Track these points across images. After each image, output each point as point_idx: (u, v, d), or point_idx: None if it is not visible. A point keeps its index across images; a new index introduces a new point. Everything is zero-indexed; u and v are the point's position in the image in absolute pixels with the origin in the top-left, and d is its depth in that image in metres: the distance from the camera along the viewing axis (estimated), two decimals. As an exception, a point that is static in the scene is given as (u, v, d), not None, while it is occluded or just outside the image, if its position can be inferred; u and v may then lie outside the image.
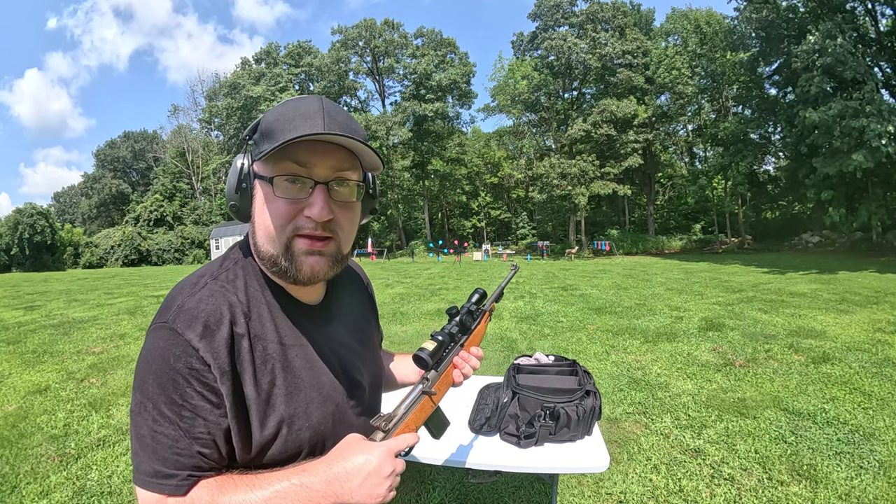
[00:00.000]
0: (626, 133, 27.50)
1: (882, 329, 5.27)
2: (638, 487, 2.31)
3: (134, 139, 51.47)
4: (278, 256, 0.64)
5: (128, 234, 35.08)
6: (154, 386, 0.59)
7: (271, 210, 0.63)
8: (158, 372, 0.58)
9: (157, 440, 0.58)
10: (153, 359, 0.59)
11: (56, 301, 10.48)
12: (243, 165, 0.65)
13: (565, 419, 1.65)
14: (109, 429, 3.18)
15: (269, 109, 0.66)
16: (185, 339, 0.58)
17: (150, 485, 0.59)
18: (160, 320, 0.61)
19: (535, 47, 30.13)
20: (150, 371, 0.59)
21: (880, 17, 17.32)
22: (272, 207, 0.63)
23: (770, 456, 2.54)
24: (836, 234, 21.27)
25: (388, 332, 6.08)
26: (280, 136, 0.60)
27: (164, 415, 0.58)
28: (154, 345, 0.60)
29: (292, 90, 36.67)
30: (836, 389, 3.47)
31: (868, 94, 14.44)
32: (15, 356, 5.28)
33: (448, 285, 11.61)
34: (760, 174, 27.02)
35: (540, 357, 2.08)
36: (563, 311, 7.17)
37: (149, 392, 0.59)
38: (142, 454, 0.59)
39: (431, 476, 2.43)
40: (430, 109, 32.05)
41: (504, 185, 40.06)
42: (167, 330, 0.59)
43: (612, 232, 31.19)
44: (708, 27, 25.43)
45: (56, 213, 47.06)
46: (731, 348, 4.71)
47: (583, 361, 4.24)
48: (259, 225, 0.65)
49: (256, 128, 0.66)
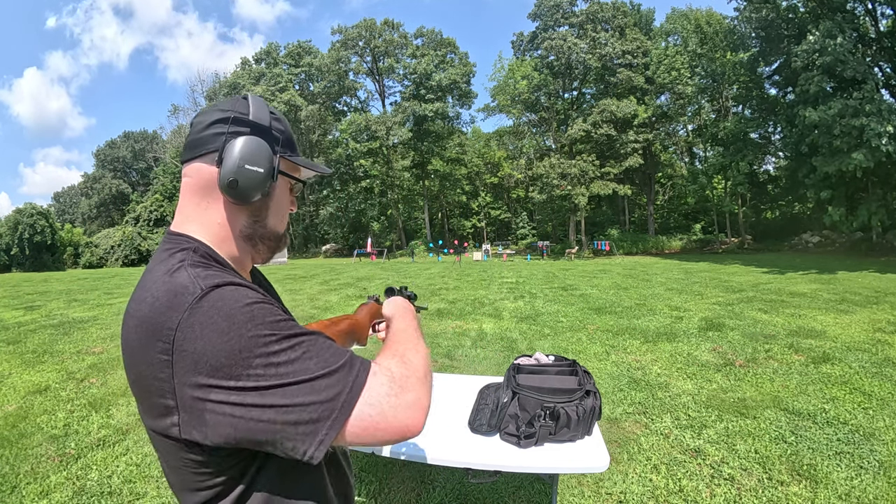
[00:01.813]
0: (626, 133, 27.50)
1: (882, 329, 5.27)
2: (638, 487, 2.31)
3: (134, 139, 51.44)
4: (283, 234, 0.77)
5: (128, 234, 35.08)
6: (261, 328, 0.54)
7: (287, 201, 0.77)
8: (249, 316, 0.55)
9: (314, 351, 0.56)
10: (233, 312, 0.55)
11: (56, 301, 10.48)
12: (276, 154, 0.70)
13: (565, 419, 1.65)
14: (109, 429, 3.18)
15: (268, 108, 0.72)
16: (236, 284, 0.59)
17: (354, 370, 0.57)
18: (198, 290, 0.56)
19: (535, 47, 30.14)
20: (241, 324, 0.54)
21: (880, 17, 17.33)
22: (288, 199, 0.77)
23: (770, 456, 2.54)
24: (836, 234, 21.27)
25: (388, 332, 6.07)
26: (298, 152, 0.76)
27: (293, 335, 0.56)
28: (220, 304, 0.55)
29: (292, 90, 36.68)
30: (836, 389, 3.47)
31: (868, 94, 14.45)
32: (15, 356, 5.27)
33: (448, 285, 11.61)
34: (760, 174, 27.02)
35: (540, 357, 2.08)
36: (563, 311, 7.17)
37: (260, 339, 0.54)
38: (315, 384, 0.54)
39: (431, 476, 2.43)
40: (430, 109, 32.05)
41: (504, 185, 40.07)
42: (223, 289, 0.57)
43: (612, 232, 31.19)
44: (708, 27, 25.42)
45: (56, 213, 47.04)
46: (731, 348, 4.71)
47: (583, 361, 4.24)
48: (274, 210, 0.74)
49: (282, 124, 0.74)
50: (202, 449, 0.57)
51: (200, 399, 0.53)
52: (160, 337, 0.54)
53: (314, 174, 0.79)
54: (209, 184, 0.68)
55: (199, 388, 0.53)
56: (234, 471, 0.60)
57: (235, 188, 0.65)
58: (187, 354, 0.53)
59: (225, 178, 0.65)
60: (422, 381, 0.61)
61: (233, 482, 0.61)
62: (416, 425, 0.57)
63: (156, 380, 0.55)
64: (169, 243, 0.67)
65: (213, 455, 0.58)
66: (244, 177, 0.65)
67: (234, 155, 0.65)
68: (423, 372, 0.62)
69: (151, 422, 0.59)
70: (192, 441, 0.56)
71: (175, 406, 0.55)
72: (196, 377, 0.53)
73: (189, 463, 0.59)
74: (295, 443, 0.54)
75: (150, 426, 0.61)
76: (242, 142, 0.66)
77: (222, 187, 0.66)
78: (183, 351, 0.53)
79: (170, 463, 0.63)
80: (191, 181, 0.69)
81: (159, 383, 0.55)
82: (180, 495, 0.65)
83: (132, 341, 0.58)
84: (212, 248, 0.68)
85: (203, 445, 0.56)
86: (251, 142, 0.66)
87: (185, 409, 0.54)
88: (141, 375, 0.58)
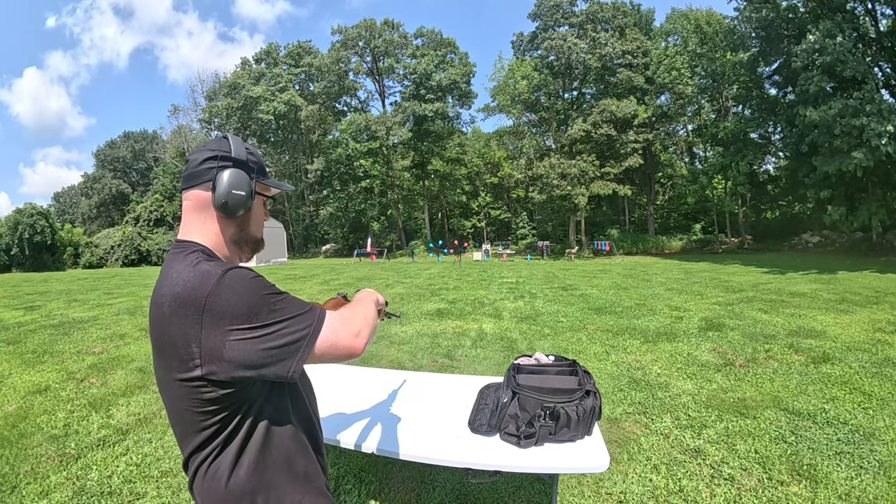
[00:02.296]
0: (626, 133, 27.47)
1: (882, 329, 5.27)
2: (638, 487, 2.31)
3: (134, 139, 51.42)
4: (261, 238, 1.03)
5: (128, 234, 35.06)
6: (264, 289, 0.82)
7: (262, 213, 1.04)
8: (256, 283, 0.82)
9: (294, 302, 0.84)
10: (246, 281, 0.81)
11: (56, 301, 10.48)
12: (252, 180, 0.96)
13: (565, 419, 1.65)
14: (109, 429, 3.18)
15: (244, 145, 0.98)
16: (241, 267, 0.86)
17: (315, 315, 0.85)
18: (219, 271, 0.81)
19: (535, 47, 30.12)
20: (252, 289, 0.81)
21: (880, 17, 17.32)
22: (262, 212, 1.04)
23: (770, 456, 2.54)
24: (836, 234, 21.27)
25: (387, 332, 6.07)
26: (270, 177, 1.04)
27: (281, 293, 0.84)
28: (237, 277, 0.81)
29: (292, 90, 36.68)
30: (836, 389, 3.47)
31: (868, 94, 14.44)
32: (15, 356, 5.28)
33: (448, 285, 11.61)
34: (760, 174, 27.02)
35: (540, 357, 2.08)
36: (563, 311, 7.17)
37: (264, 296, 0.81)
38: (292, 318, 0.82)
39: (431, 476, 2.43)
40: (430, 109, 32.03)
41: (504, 185, 40.06)
42: (236, 269, 0.83)
43: (612, 232, 31.18)
44: (708, 27, 25.41)
45: (56, 213, 47.00)
46: (731, 348, 4.71)
47: (583, 361, 4.24)
48: (254, 221, 1.01)
49: (255, 156, 1.00)
50: (212, 385, 0.79)
51: (222, 340, 0.77)
52: (193, 304, 0.78)
53: (280, 190, 1.06)
54: (205, 205, 0.93)
55: (223, 333, 0.77)
56: (230, 408, 0.83)
57: (227, 207, 0.92)
58: (216, 312, 0.78)
59: (218, 200, 0.91)
60: (363, 321, 0.92)
61: (228, 418, 0.84)
62: (359, 347, 0.87)
63: (185, 335, 0.78)
64: (180, 247, 0.91)
65: (220, 390, 0.80)
66: (232, 199, 0.92)
67: (224, 183, 0.91)
68: (363, 315, 0.94)
69: (175, 372, 0.81)
70: (207, 376, 0.79)
71: (199, 352, 0.78)
72: (221, 325, 0.77)
73: (197, 403, 0.81)
74: (283, 361, 0.80)
75: (172, 378, 0.82)
76: (228, 173, 0.92)
77: (217, 207, 0.92)
78: (212, 309, 0.78)
79: (179, 408, 0.84)
80: (192, 204, 0.94)
81: (187, 338, 0.78)
82: (184, 441, 0.87)
83: (166, 312, 0.81)
84: (211, 249, 0.93)
85: (213, 381, 0.79)
86: (235, 173, 0.92)
87: (208, 351, 0.78)
88: (171, 336, 0.80)
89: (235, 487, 0.84)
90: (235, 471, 0.84)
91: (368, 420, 1.95)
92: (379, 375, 2.58)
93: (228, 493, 0.84)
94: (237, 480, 0.84)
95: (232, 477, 0.84)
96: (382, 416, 1.98)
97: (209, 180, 0.92)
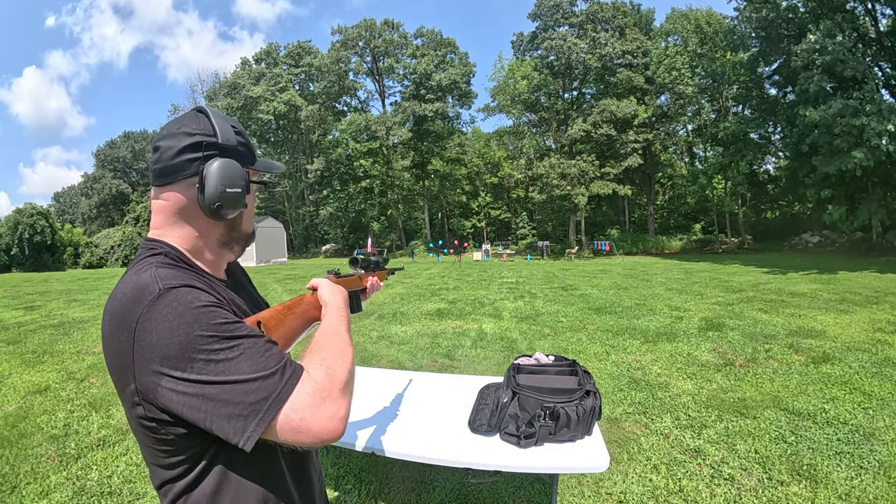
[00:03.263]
0: (626, 133, 27.48)
1: (882, 329, 5.27)
2: (638, 487, 2.31)
3: (134, 139, 51.47)
4: (252, 232, 0.87)
5: (128, 234, 35.07)
6: (205, 329, 0.61)
7: (252, 205, 0.86)
8: (195, 317, 0.62)
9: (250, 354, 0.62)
10: (183, 312, 0.62)
11: (56, 301, 10.48)
12: (246, 171, 0.78)
13: (565, 419, 1.65)
14: (109, 429, 3.18)
15: (228, 121, 0.78)
16: (192, 287, 0.66)
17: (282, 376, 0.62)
18: (156, 289, 0.64)
19: (535, 47, 30.12)
20: (188, 324, 0.61)
21: (880, 17, 17.33)
22: (253, 203, 0.86)
23: (770, 456, 2.54)
24: (836, 234, 21.27)
25: (387, 332, 6.07)
26: (255, 156, 0.83)
27: (234, 336, 0.63)
28: (174, 304, 0.62)
29: (292, 90, 36.67)
30: (836, 389, 3.47)
31: (868, 94, 14.45)
32: (15, 356, 5.28)
33: (448, 285, 11.61)
34: (760, 174, 27.01)
35: (540, 357, 2.08)
36: (563, 311, 7.17)
37: (202, 340, 0.61)
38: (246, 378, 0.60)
39: (431, 476, 2.43)
40: (430, 109, 32.03)
41: (504, 185, 40.06)
42: (178, 290, 0.65)
43: (612, 232, 31.19)
44: (708, 27, 25.41)
45: (56, 213, 47.06)
46: (731, 348, 4.71)
47: (583, 361, 4.24)
48: (247, 216, 0.84)
49: (243, 135, 0.80)
50: (162, 427, 0.65)
51: (154, 382, 0.61)
52: (126, 327, 0.63)
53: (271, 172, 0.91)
54: (187, 206, 0.75)
55: (153, 374, 0.61)
56: (193, 451, 0.68)
57: (220, 210, 0.74)
58: (145, 344, 0.61)
59: (209, 203, 0.73)
60: (342, 392, 0.66)
61: (193, 461, 0.68)
62: (334, 434, 0.63)
63: (123, 364, 0.64)
64: (143, 248, 0.75)
65: (173, 434, 0.65)
66: (226, 199, 0.73)
67: (214, 181, 0.72)
68: (344, 383, 0.67)
69: (125, 404, 0.68)
70: (153, 417, 0.64)
71: (135, 388, 0.63)
72: (151, 364, 0.61)
73: (155, 441, 0.67)
74: (227, 433, 0.60)
75: (125, 409, 0.69)
76: (218, 167, 0.73)
77: (207, 211, 0.74)
78: (142, 341, 0.61)
79: (143, 442, 0.70)
80: (167, 204, 0.75)
81: (125, 367, 0.63)
82: (151, 470, 0.72)
83: (106, 332, 0.67)
84: (184, 253, 0.76)
85: (163, 424, 0.64)
86: (227, 166, 0.73)
87: (143, 389, 0.63)
88: (114, 361, 0.66)
89: None
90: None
91: (368, 420, 1.95)
92: (379, 375, 2.58)
93: None
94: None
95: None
96: (382, 416, 1.98)
97: (192, 175, 0.73)
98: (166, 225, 0.76)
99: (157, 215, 0.77)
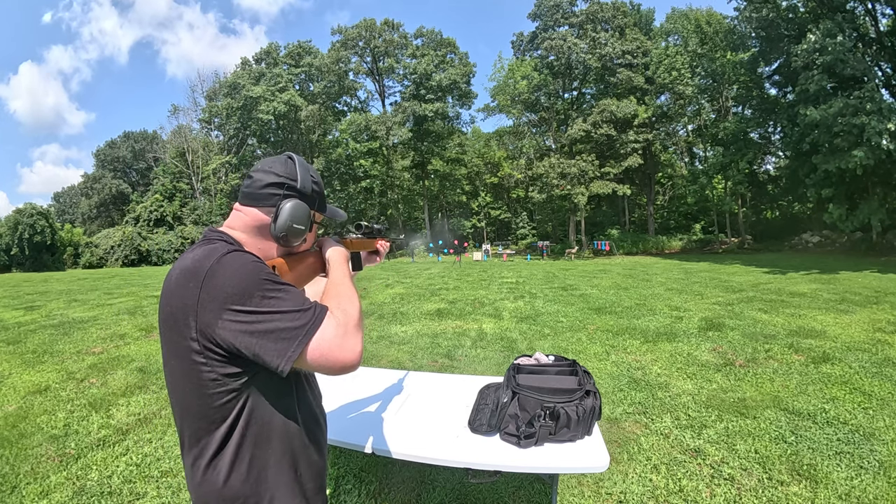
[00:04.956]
0: (626, 133, 27.48)
1: (882, 329, 5.27)
2: (638, 487, 2.31)
3: (134, 139, 51.41)
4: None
5: (128, 235, 35.06)
6: (261, 275, 0.80)
7: (312, 237, 1.07)
8: (254, 268, 0.81)
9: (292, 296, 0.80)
10: (245, 264, 0.81)
11: (56, 301, 10.48)
12: (313, 213, 1.01)
13: (565, 419, 1.65)
14: (109, 429, 3.18)
15: (310, 171, 1.00)
16: (249, 252, 0.86)
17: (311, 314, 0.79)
18: (224, 250, 0.82)
19: (535, 47, 30.13)
20: (249, 272, 0.79)
21: (880, 17, 17.33)
22: (313, 235, 1.07)
23: (770, 456, 2.54)
24: (836, 234, 21.28)
25: (387, 332, 6.07)
26: (325, 204, 1.09)
27: (281, 283, 0.82)
28: (237, 259, 0.81)
29: (292, 90, 36.67)
30: (836, 389, 3.47)
31: (868, 93, 14.45)
32: (15, 356, 5.27)
33: (448, 285, 11.61)
34: (760, 174, 27.02)
35: (540, 357, 2.08)
36: (563, 311, 7.17)
37: (259, 283, 0.79)
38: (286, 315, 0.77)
39: (431, 476, 2.43)
40: (430, 109, 32.05)
41: (504, 185, 40.09)
42: (240, 251, 0.85)
43: (612, 232, 31.20)
44: (708, 27, 25.43)
45: (56, 213, 46.99)
46: (731, 348, 4.71)
47: (583, 361, 4.24)
48: (303, 244, 1.04)
49: (319, 185, 1.03)
50: (209, 364, 0.79)
51: (215, 317, 0.77)
52: (195, 277, 0.79)
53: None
54: (261, 225, 0.95)
55: (216, 310, 0.77)
56: (230, 395, 0.82)
57: (285, 240, 0.95)
58: (211, 287, 0.77)
59: (278, 231, 0.93)
60: (356, 328, 0.83)
61: (228, 407, 0.82)
62: (353, 363, 0.79)
63: (184, 307, 0.79)
64: (211, 231, 0.93)
65: (217, 374, 0.80)
66: (292, 232, 0.94)
67: (286, 216, 0.93)
68: (356, 320, 0.84)
69: (175, 346, 0.82)
70: (207, 349, 0.78)
71: (195, 325, 0.78)
72: (215, 301, 0.77)
73: (197, 384, 0.81)
74: (272, 356, 0.76)
75: (173, 355, 0.83)
76: (291, 206, 0.93)
77: (275, 238, 0.94)
78: (208, 285, 0.78)
79: (180, 391, 0.84)
80: (247, 219, 0.95)
81: (186, 309, 0.79)
82: (184, 428, 0.86)
83: (172, 284, 0.82)
84: (243, 246, 0.92)
85: (212, 360, 0.79)
86: (298, 207, 0.94)
87: (203, 325, 0.78)
88: (173, 308, 0.81)
89: (233, 487, 0.83)
90: (235, 467, 0.83)
91: (368, 420, 1.95)
92: (379, 375, 2.58)
93: (227, 490, 0.83)
94: (236, 478, 0.83)
95: (232, 475, 0.83)
96: (382, 416, 1.98)
97: (272, 206, 0.94)
98: (239, 229, 0.95)
99: (235, 220, 0.96)
